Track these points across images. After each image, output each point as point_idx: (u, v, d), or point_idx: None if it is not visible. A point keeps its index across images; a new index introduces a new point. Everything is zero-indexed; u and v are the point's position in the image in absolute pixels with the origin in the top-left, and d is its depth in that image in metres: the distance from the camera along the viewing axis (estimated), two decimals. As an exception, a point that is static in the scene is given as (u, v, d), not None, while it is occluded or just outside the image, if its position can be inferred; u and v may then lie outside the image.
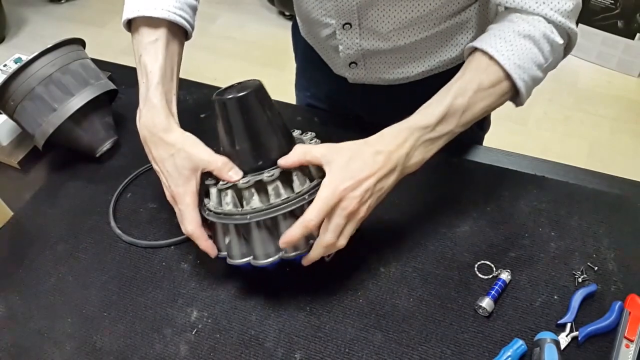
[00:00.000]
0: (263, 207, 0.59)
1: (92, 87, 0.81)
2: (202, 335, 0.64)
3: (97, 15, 2.80)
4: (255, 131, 0.60)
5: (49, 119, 0.78)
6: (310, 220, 0.56)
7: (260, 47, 2.45)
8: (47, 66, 0.78)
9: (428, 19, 0.73)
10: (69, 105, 0.79)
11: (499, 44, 0.61)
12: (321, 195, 0.57)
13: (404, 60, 0.79)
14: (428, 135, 0.60)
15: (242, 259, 0.62)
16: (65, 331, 0.65)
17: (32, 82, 0.77)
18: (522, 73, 0.61)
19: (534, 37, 0.62)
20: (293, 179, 0.60)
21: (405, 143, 0.59)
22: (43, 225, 0.77)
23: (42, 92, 0.78)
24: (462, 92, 0.60)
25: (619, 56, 2.23)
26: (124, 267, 0.71)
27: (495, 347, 0.61)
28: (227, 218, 0.61)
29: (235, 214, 0.60)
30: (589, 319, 0.62)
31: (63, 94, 0.79)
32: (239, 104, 0.59)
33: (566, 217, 0.72)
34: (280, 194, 0.59)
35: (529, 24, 0.62)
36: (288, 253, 0.60)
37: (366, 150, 0.59)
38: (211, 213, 0.62)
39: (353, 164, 0.58)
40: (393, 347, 0.61)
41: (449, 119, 0.60)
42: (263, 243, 0.60)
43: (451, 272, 0.67)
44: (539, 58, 0.62)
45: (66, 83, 0.79)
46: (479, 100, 0.61)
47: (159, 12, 0.68)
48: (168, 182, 0.64)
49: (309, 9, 0.78)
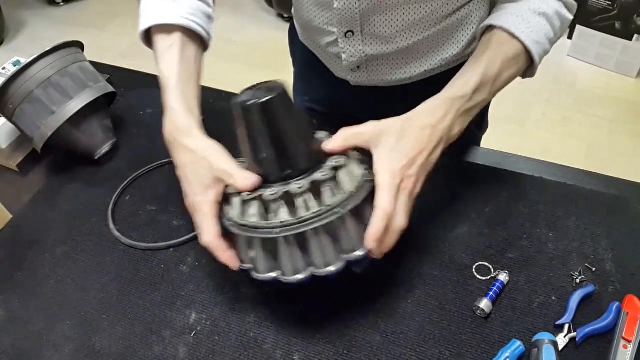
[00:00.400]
0: (292, 220, 0.54)
1: (90, 90, 0.82)
2: (200, 337, 0.64)
3: (96, 18, 2.81)
4: (281, 138, 0.56)
5: (48, 121, 0.78)
6: (388, 209, 0.55)
7: (259, 50, 2.45)
8: (45, 69, 0.78)
9: (429, 19, 0.73)
10: (68, 108, 0.79)
11: (517, 22, 0.65)
12: (384, 182, 0.56)
13: (406, 61, 0.80)
14: (467, 105, 0.62)
15: (269, 274, 0.57)
16: (64, 334, 0.66)
17: (31, 85, 0.77)
18: (539, 48, 0.66)
19: (548, 14, 0.66)
20: (322, 191, 0.56)
21: (448, 115, 0.61)
22: (42, 228, 0.77)
23: (40, 95, 0.78)
24: (492, 62, 0.64)
25: (617, 57, 2.24)
26: (122, 270, 0.71)
27: (493, 348, 0.61)
28: (252, 231, 0.56)
29: (261, 228, 0.55)
30: (587, 319, 0.62)
31: (62, 97, 0.79)
32: (263, 109, 0.54)
33: (564, 218, 0.72)
34: (309, 207, 0.54)
35: (542, 1, 0.66)
36: (320, 269, 0.55)
37: (412, 127, 0.60)
38: (234, 224, 0.58)
39: (402, 143, 0.59)
40: (391, 348, 0.61)
41: (483, 87, 0.63)
42: (292, 258, 0.55)
43: (449, 273, 0.68)
44: (551, 34, 0.67)
45: (65, 86, 0.79)
46: (506, 69, 0.64)
47: (171, 19, 0.67)
48: (187, 189, 0.62)
49: (310, 18, 0.79)
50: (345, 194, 0.56)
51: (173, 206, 0.78)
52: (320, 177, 0.55)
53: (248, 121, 0.56)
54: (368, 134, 0.59)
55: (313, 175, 0.56)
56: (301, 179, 0.56)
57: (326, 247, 0.55)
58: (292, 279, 0.56)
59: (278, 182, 0.57)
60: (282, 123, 0.56)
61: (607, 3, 2.12)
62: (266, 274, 0.57)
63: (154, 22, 0.68)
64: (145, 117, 0.93)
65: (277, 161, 0.57)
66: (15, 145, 0.88)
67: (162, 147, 0.87)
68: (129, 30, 2.69)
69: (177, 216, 0.77)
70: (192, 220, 0.75)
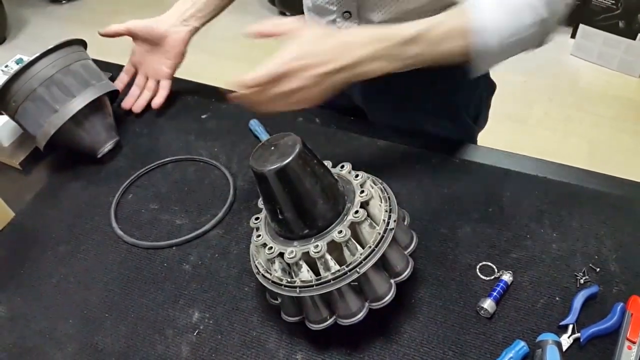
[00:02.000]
0: (313, 282, 0.56)
1: (93, 88, 0.81)
2: (203, 336, 0.64)
3: (98, 16, 2.80)
4: (298, 201, 0.56)
5: (51, 120, 0.78)
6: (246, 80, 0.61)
7: (262, 48, 2.45)
8: (48, 67, 0.78)
9: (426, 9, 0.73)
10: (71, 106, 0.79)
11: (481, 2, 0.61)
12: (269, 65, 0.60)
13: None
14: (393, 51, 0.61)
15: (296, 318, 0.61)
16: (66, 332, 0.65)
17: (34, 83, 0.77)
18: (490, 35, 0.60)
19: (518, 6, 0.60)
20: (343, 249, 0.56)
21: (365, 48, 0.60)
22: (44, 226, 0.77)
23: (43, 93, 0.78)
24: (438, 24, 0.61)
25: (620, 56, 2.23)
26: (125, 268, 0.71)
27: (497, 348, 0.60)
28: (276, 286, 0.58)
29: (285, 285, 0.57)
30: (591, 320, 0.62)
31: (64, 95, 0.79)
32: (278, 176, 0.54)
33: (568, 218, 0.72)
34: (329, 267, 0.55)
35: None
36: (344, 320, 0.57)
37: (326, 36, 0.62)
38: (261, 275, 0.60)
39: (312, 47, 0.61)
40: (394, 348, 0.61)
41: (420, 42, 0.61)
42: (316, 310, 0.58)
43: (453, 273, 0.67)
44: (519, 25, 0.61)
45: (67, 84, 0.79)
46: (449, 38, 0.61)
47: None
48: None
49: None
50: (364, 252, 0.56)
51: (175, 205, 0.78)
52: (338, 238, 0.55)
53: (262, 186, 0.56)
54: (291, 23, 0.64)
55: (332, 234, 0.56)
56: (319, 239, 0.56)
57: (349, 299, 0.57)
58: (318, 327, 0.59)
59: (298, 240, 0.58)
60: (297, 186, 0.56)
61: (611, 2, 2.12)
62: (294, 318, 0.61)
63: None
64: (148, 116, 0.92)
65: (297, 221, 0.57)
66: (18, 143, 0.88)
67: (165, 145, 0.87)
68: (131, 28, 2.68)
69: (180, 215, 0.76)
70: (195, 219, 0.75)
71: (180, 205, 0.78)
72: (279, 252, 0.58)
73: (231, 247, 0.72)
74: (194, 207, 0.77)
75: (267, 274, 0.59)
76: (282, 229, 0.59)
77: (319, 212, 0.57)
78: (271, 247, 0.58)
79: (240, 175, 0.81)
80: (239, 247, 0.72)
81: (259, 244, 0.60)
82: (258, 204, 0.63)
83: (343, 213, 0.58)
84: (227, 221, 0.75)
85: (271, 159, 0.55)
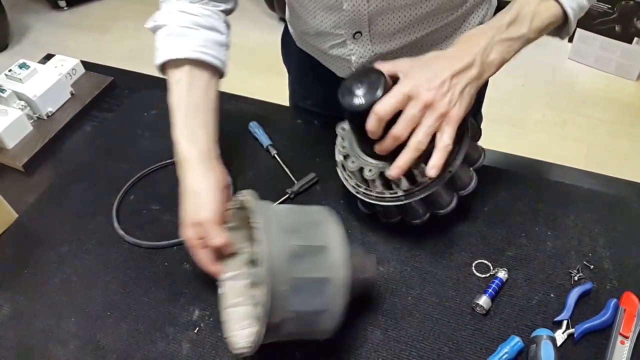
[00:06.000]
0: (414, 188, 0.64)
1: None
2: (204, 333, 0.65)
3: (99, 22, 2.82)
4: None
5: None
6: (379, 108, 0.57)
7: (262, 54, 2.46)
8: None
9: (436, 14, 0.75)
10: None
11: None
12: (393, 89, 0.58)
13: (414, 53, 0.81)
14: (503, 35, 0.61)
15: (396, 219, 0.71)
16: (69, 330, 0.67)
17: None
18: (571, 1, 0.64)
19: None
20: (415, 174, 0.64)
21: (481, 39, 0.61)
22: (47, 227, 0.79)
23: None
24: (526, 2, 0.63)
25: (616, 60, 2.25)
26: (127, 268, 0.72)
27: (492, 344, 0.62)
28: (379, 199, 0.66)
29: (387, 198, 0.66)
30: (585, 316, 0.63)
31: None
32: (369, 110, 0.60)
33: (562, 216, 0.73)
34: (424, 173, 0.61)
35: None
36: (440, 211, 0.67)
37: (440, 52, 0.61)
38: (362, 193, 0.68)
39: (427, 64, 0.60)
40: (392, 344, 0.62)
41: (520, 21, 0.62)
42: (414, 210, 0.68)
43: (449, 271, 0.68)
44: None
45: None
46: (543, 10, 0.63)
47: (179, 54, 0.71)
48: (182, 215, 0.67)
49: (317, 23, 0.79)
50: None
51: (176, 205, 0.79)
52: None
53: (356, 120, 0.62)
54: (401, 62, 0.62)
55: None
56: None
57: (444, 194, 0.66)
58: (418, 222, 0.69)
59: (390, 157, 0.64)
60: None
61: (607, 6, 2.13)
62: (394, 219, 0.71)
63: (164, 57, 0.72)
64: (149, 118, 0.94)
65: None
66: (21, 145, 0.89)
67: (166, 147, 0.88)
68: (131, 34, 2.70)
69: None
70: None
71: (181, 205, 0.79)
72: (360, 167, 0.66)
73: (231, 246, 0.73)
74: (195, 208, 0.78)
75: (367, 191, 0.67)
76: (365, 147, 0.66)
77: None
78: (353, 160, 0.67)
79: (240, 176, 0.82)
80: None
81: (344, 154, 0.69)
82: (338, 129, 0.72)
83: None
84: (227, 221, 0.76)
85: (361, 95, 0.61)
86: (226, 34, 0.77)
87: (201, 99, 0.72)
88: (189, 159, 0.68)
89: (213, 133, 0.72)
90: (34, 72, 0.93)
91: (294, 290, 0.53)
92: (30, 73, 0.93)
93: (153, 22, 0.75)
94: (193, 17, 0.73)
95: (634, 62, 2.22)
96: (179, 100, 0.71)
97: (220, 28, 0.76)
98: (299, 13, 0.81)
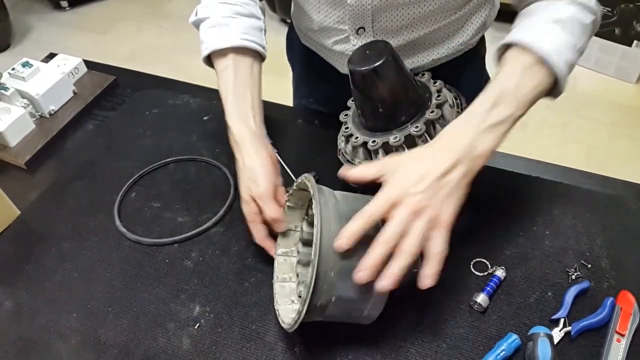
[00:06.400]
0: None
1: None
2: (204, 329, 0.65)
3: (100, 23, 2.83)
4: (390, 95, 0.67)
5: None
6: (367, 211, 0.54)
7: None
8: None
9: (439, 12, 0.75)
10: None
11: (529, 34, 0.62)
12: (379, 195, 0.55)
13: (415, 51, 0.82)
14: (488, 121, 0.58)
15: None
16: (70, 325, 0.67)
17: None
18: (557, 58, 0.61)
19: (562, 20, 0.63)
20: (418, 142, 0.67)
21: (465, 134, 0.58)
22: (49, 223, 0.79)
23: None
24: (508, 75, 0.61)
25: (616, 63, 2.25)
26: (128, 264, 0.73)
27: (489, 341, 0.62)
28: None
29: None
30: (582, 314, 0.63)
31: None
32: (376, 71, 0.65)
33: (561, 216, 0.74)
34: None
35: (553, 11, 0.64)
36: None
37: (423, 151, 0.59)
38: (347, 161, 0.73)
39: (411, 165, 0.57)
40: (390, 340, 0.63)
41: (503, 101, 0.59)
42: None
43: (447, 269, 0.68)
44: (571, 41, 0.63)
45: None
46: (528, 78, 0.61)
47: (224, 43, 0.74)
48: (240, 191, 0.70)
49: (320, 18, 0.80)
50: None
51: (177, 203, 0.80)
52: (414, 132, 0.67)
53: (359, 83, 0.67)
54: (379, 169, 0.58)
55: (409, 129, 0.68)
56: (399, 131, 0.68)
57: None
58: None
59: (381, 132, 0.70)
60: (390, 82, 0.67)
61: (607, 9, 2.14)
62: None
63: (211, 49, 0.75)
64: (151, 117, 0.94)
65: (381, 116, 0.69)
66: (23, 143, 0.90)
67: (167, 146, 0.89)
68: (132, 34, 2.71)
69: (182, 213, 0.78)
70: (197, 217, 0.77)
71: (182, 203, 0.80)
72: (363, 141, 0.70)
73: (231, 244, 0.74)
74: (196, 206, 0.79)
75: (352, 161, 0.71)
76: (369, 122, 0.71)
77: (401, 109, 0.68)
78: (357, 136, 0.71)
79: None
80: (239, 244, 0.74)
81: (347, 135, 0.73)
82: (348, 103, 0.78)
83: (420, 112, 0.69)
84: (228, 219, 0.77)
85: (368, 60, 0.66)
86: (262, 18, 0.81)
87: (247, 84, 0.75)
88: (242, 139, 0.71)
89: (260, 114, 0.75)
90: (37, 70, 0.94)
91: (341, 277, 0.54)
92: (33, 72, 0.94)
93: (195, 16, 0.79)
94: (233, 7, 0.77)
95: (634, 65, 2.23)
96: (226, 86, 0.74)
97: (258, 14, 0.80)
98: (304, 7, 0.82)
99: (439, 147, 0.58)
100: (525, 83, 0.61)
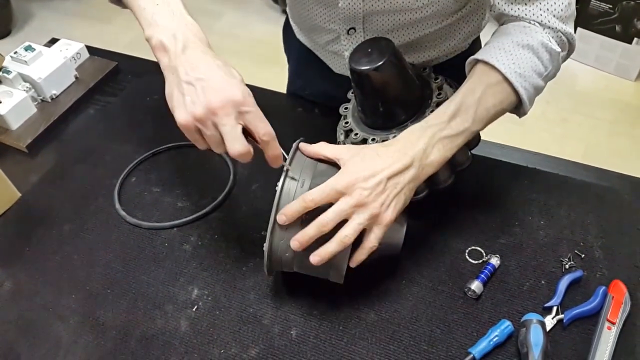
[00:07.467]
0: None
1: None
2: (202, 312, 0.66)
3: (102, 11, 2.83)
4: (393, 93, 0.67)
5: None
6: (308, 196, 0.56)
7: (264, 45, 2.47)
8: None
9: (432, 17, 0.75)
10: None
11: (498, 54, 0.63)
12: (328, 181, 0.57)
13: (408, 51, 0.82)
14: (444, 132, 0.60)
15: None
16: (69, 306, 0.68)
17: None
18: (523, 81, 0.62)
19: (533, 46, 0.63)
20: None
21: (420, 140, 0.59)
22: (50, 206, 0.80)
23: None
24: (471, 90, 0.62)
25: (616, 60, 2.26)
26: (127, 247, 0.74)
27: (483, 327, 0.63)
28: None
29: None
30: (575, 302, 0.64)
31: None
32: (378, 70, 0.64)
33: (556, 207, 0.75)
34: None
35: (526, 34, 0.64)
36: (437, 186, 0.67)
37: (381, 149, 0.60)
38: None
39: (367, 160, 0.58)
40: (385, 325, 0.64)
41: (462, 114, 0.61)
42: None
43: (442, 256, 0.70)
44: (539, 67, 0.64)
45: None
46: (489, 95, 0.62)
47: None
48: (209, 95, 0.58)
49: (311, 16, 0.80)
50: None
51: (177, 188, 0.81)
52: None
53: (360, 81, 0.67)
54: (338, 151, 0.60)
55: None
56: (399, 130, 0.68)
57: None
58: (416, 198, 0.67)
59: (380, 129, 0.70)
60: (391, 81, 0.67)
61: (608, 6, 2.14)
62: None
63: None
64: (152, 103, 0.95)
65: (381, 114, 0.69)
66: (25, 126, 0.90)
67: (168, 131, 0.89)
68: (134, 23, 2.70)
69: (182, 198, 0.79)
70: (196, 202, 0.77)
71: (181, 188, 0.80)
72: (362, 139, 0.70)
73: (230, 229, 0.75)
74: (195, 191, 0.80)
75: None
76: (368, 119, 0.71)
77: (401, 108, 0.69)
78: (357, 133, 0.71)
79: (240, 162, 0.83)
80: (237, 229, 0.74)
81: (347, 129, 0.73)
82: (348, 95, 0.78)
83: (420, 111, 0.69)
84: (227, 204, 0.78)
85: (369, 59, 0.65)
86: None
87: None
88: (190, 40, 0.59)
89: None
90: (39, 54, 0.95)
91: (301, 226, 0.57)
92: (36, 55, 0.94)
93: None
94: None
95: (634, 63, 2.23)
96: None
97: None
98: (295, 5, 0.82)
99: (396, 148, 0.60)
100: (487, 99, 0.62)
